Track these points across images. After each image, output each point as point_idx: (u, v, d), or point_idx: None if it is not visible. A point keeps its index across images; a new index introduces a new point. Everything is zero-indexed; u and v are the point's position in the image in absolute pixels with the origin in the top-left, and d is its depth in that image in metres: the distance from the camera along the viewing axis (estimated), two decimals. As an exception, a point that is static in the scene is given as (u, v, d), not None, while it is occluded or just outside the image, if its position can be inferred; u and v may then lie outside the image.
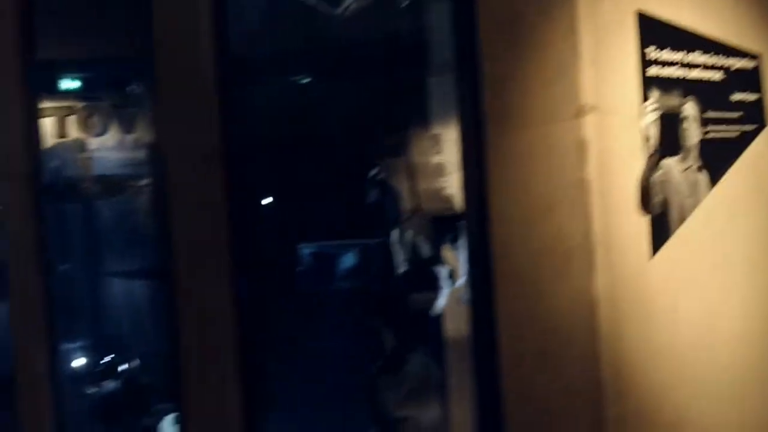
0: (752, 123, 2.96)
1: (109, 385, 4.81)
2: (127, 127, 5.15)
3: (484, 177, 2.63)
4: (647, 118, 2.52)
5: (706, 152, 2.74)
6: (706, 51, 2.76)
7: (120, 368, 4.81)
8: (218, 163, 3.46)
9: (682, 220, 2.64)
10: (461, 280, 3.24)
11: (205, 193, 3.49)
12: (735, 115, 2.89)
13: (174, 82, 3.59)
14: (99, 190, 5.12)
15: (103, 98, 5.13)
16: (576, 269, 2.40)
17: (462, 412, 3.83)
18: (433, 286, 3.41)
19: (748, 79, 2.95)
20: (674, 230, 2.61)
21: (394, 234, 3.43)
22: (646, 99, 2.52)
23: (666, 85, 2.58)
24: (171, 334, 3.76)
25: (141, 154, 5.01)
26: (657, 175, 2.55)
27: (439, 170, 3.62)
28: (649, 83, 2.53)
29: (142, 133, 5.13)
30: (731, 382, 2.83)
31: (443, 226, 3.31)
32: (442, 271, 3.32)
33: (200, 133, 3.49)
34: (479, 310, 2.72)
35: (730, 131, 2.86)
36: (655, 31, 2.54)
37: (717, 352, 2.78)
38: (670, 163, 2.60)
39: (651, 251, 2.53)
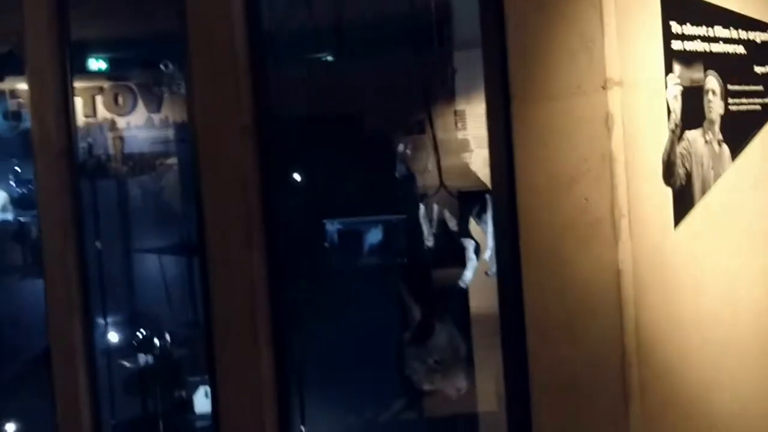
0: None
1: (143, 359, 4.92)
2: (156, 106, 5.24)
3: (510, 149, 2.68)
4: (671, 92, 2.56)
5: (728, 125, 2.78)
6: (727, 25, 2.79)
7: (153, 342, 4.92)
8: (252, 138, 3.53)
9: (704, 191, 2.69)
10: (488, 253, 3.30)
11: (238, 167, 3.56)
12: (758, 88, 2.92)
13: (207, 59, 3.66)
14: (129, 168, 5.22)
15: (133, 77, 5.23)
16: (601, 240, 2.46)
17: (488, 383, 3.92)
18: (461, 260, 3.48)
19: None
20: (697, 202, 2.66)
21: (421, 209, 3.49)
22: (669, 72, 2.56)
23: (689, 58, 2.62)
24: (205, 306, 3.86)
25: (170, 133, 5.11)
26: (680, 147, 2.59)
27: (464, 145, 3.68)
28: (672, 57, 2.57)
29: (171, 111, 5.23)
30: (754, 346, 2.89)
31: (469, 200, 3.37)
32: (470, 245, 3.38)
33: (233, 109, 3.56)
34: (507, 281, 2.77)
35: (753, 104, 2.90)
36: (677, 5, 2.58)
37: (739, 319, 2.84)
38: (693, 135, 2.65)
39: (674, 222, 2.58)
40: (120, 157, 5.26)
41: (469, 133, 3.65)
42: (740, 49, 2.84)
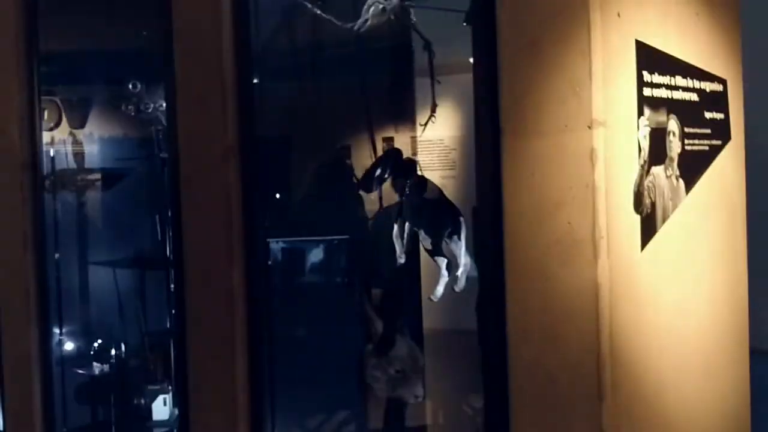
0: (719, 138, 3.45)
1: (99, 368, 5.06)
2: (80, 122, 5.41)
3: (498, 178, 3.03)
4: (641, 132, 2.97)
5: (684, 162, 3.20)
6: (685, 75, 3.22)
7: (110, 352, 5.07)
8: (236, 159, 3.79)
9: (664, 220, 3.10)
10: (461, 270, 3.62)
11: (222, 188, 3.81)
12: (707, 131, 3.37)
13: (194, 79, 3.90)
14: (92, 181, 5.37)
15: (100, 92, 5.40)
16: (582, 259, 2.83)
17: (445, 393, 4.28)
18: (434, 276, 3.79)
19: (717, 101, 3.44)
20: (658, 229, 3.07)
21: (395, 229, 3.79)
22: (641, 115, 2.97)
23: (656, 104, 3.04)
24: (177, 318, 4.09)
25: (133, 149, 5.30)
26: (647, 180, 3.00)
27: (442, 166, 4.06)
28: (643, 102, 2.98)
29: (98, 128, 5.42)
30: (701, 357, 3.32)
31: (444, 220, 3.69)
32: (442, 263, 3.70)
33: (218, 130, 3.81)
34: (489, 294, 3.12)
35: (703, 145, 3.34)
36: (648, 57, 2.99)
37: (689, 332, 3.27)
38: (657, 170, 3.06)
39: (641, 246, 2.98)
40: (83, 170, 5.41)
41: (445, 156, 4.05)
42: (694, 97, 3.28)
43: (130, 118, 5.15)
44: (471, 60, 3.17)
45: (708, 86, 3.36)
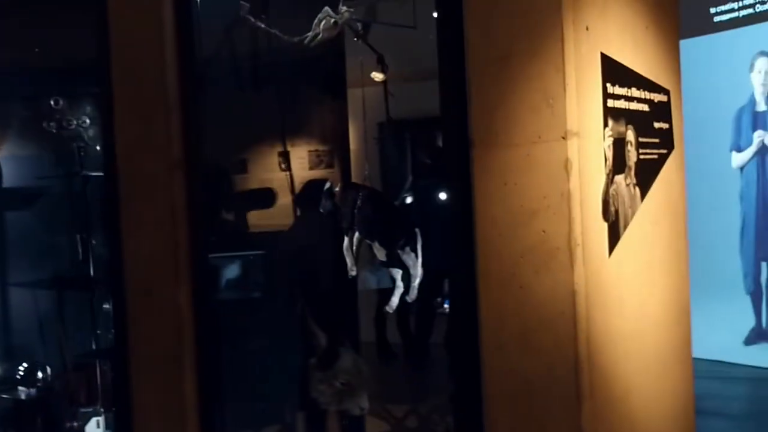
0: (666, 147, 3.59)
1: (26, 392, 4.86)
2: (40, 139, 5.22)
3: (469, 187, 3.07)
4: (606, 142, 3.06)
5: (639, 171, 3.32)
6: (639, 86, 3.35)
7: (37, 376, 4.88)
8: (182, 174, 3.71)
9: (625, 226, 3.21)
10: (417, 281, 3.65)
11: (167, 203, 3.73)
12: (656, 140, 3.50)
13: (133, 92, 3.79)
14: (13, 200, 5.16)
15: (18, 110, 5.19)
16: (557, 265, 2.89)
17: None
18: (388, 288, 3.80)
19: (663, 111, 3.58)
20: (621, 235, 3.17)
21: (345, 241, 3.79)
22: (606, 126, 3.06)
23: (617, 115, 3.14)
24: (117, 339, 3.97)
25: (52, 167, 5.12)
26: (612, 189, 3.09)
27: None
28: (607, 113, 3.07)
29: (53, 145, 5.23)
30: (657, 359, 3.44)
31: (398, 231, 3.71)
32: (397, 274, 3.71)
33: (163, 145, 3.72)
34: (460, 303, 3.15)
35: (653, 154, 3.47)
36: (610, 69, 3.09)
37: (647, 335, 3.38)
38: (619, 179, 3.16)
39: (608, 252, 3.07)
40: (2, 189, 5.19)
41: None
42: (646, 107, 3.41)
43: (50, 135, 4.98)
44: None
45: (656, 97, 3.50)
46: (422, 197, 4.87)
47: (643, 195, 3.36)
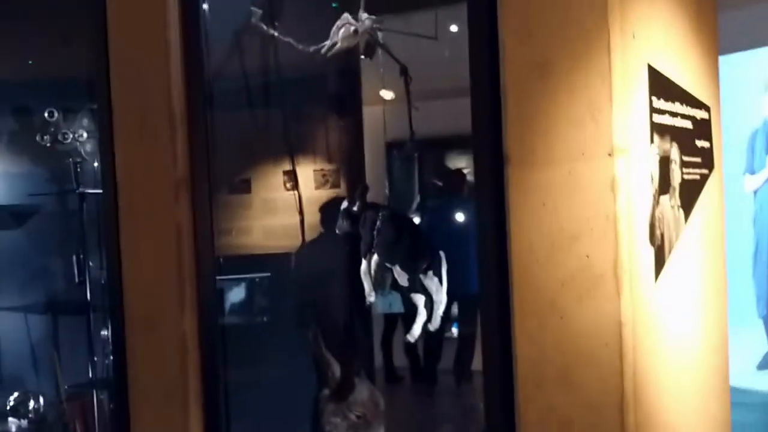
0: (707, 167, 3.36)
1: (17, 424, 4.58)
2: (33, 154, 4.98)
3: (502, 209, 2.83)
4: (652, 160, 2.83)
5: (682, 192, 3.09)
6: (683, 102, 3.12)
7: (29, 406, 4.60)
8: (186, 193, 3.48)
9: (670, 251, 2.97)
10: (441, 308, 3.40)
11: (171, 223, 3.49)
12: (698, 159, 3.27)
13: (136, 107, 3.56)
14: (3, 219, 4.90)
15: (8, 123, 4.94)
16: (602, 295, 2.65)
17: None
18: (409, 315, 3.55)
19: (704, 129, 3.35)
20: (666, 260, 2.93)
21: (363, 265, 3.54)
22: (651, 142, 2.83)
23: (662, 130, 2.91)
24: (116, 366, 3.72)
25: (55, 184, 4.86)
26: (657, 211, 2.86)
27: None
28: (653, 128, 2.84)
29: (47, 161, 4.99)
30: (696, 391, 3.21)
31: (420, 254, 3.46)
32: (420, 300, 3.46)
33: (167, 162, 3.49)
34: (492, 335, 2.90)
35: (696, 174, 3.24)
36: (656, 82, 2.86)
37: (688, 366, 3.14)
38: (664, 200, 2.92)
39: (654, 278, 2.83)
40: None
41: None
42: (689, 125, 3.18)
43: (44, 149, 4.72)
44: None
45: (698, 114, 3.28)
46: (436, 218, 4.64)
47: (686, 217, 3.12)
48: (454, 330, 4.70)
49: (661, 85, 2.90)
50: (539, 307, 2.76)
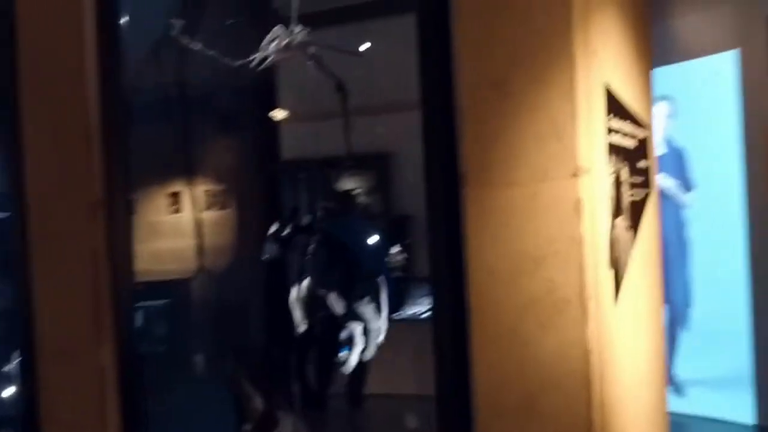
0: (647, 187, 3.34)
1: None
2: None
3: (456, 231, 2.71)
4: (608, 181, 2.76)
5: (630, 212, 3.04)
6: (630, 121, 3.08)
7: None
8: (103, 214, 3.24)
9: (624, 273, 2.91)
10: (381, 337, 3.25)
11: (86, 247, 3.24)
12: (641, 179, 3.24)
13: (48, 125, 3.29)
14: None
15: None
16: (567, 320, 2.55)
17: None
18: (345, 343, 3.38)
19: (645, 149, 3.32)
20: (622, 282, 2.87)
21: (292, 293, 3.36)
22: (607, 162, 2.76)
23: (615, 150, 2.85)
24: (27, 404, 3.42)
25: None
26: (613, 232, 2.79)
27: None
28: (608, 148, 2.77)
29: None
30: (646, 416, 3.15)
31: (357, 280, 3.31)
32: (357, 328, 3.30)
33: (82, 181, 3.24)
34: (448, 364, 2.77)
35: (640, 194, 3.20)
36: (611, 101, 2.80)
37: (640, 391, 3.08)
38: (618, 222, 2.86)
39: (614, 300, 2.76)
40: None
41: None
42: (634, 144, 3.14)
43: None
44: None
45: (640, 133, 3.25)
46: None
47: (634, 238, 3.07)
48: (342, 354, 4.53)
49: (614, 104, 2.85)
50: (500, 332, 2.64)
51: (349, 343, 4.07)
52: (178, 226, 4.22)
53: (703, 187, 5.76)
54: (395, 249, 3.87)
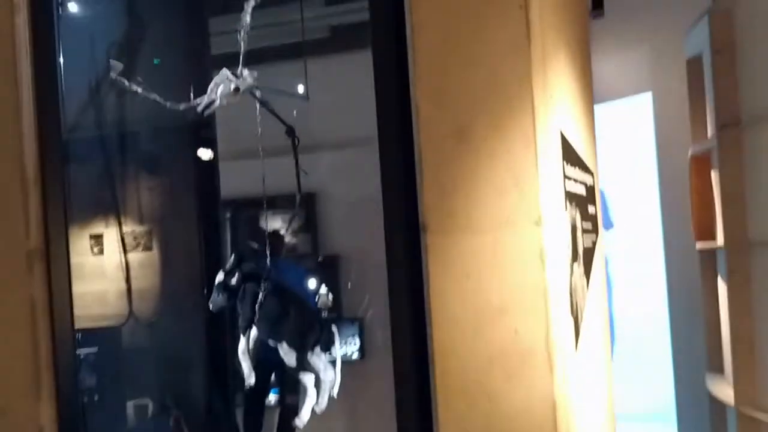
0: (596, 233, 3.34)
1: None
2: None
3: (417, 281, 2.65)
4: (568, 228, 2.74)
5: (583, 259, 3.03)
6: (580, 167, 3.08)
7: None
8: (40, 265, 3.08)
9: (582, 320, 2.89)
10: (336, 389, 3.15)
11: (22, 301, 3.07)
12: (590, 225, 3.24)
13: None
14: None
15: None
16: (533, 371, 2.50)
17: None
18: (295, 396, 3.26)
19: (593, 195, 3.33)
20: (580, 330, 2.85)
21: (241, 344, 3.24)
22: (565, 210, 2.75)
23: (571, 198, 2.84)
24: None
25: None
26: (572, 280, 2.77)
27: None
28: (565, 196, 2.76)
29: None
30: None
31: (310, 329, 3.21)
32: (309, 380, 3.19)
33: (19, 230, 3.07)
34: (410, 421, 2.69)
35: (590, 241, 3.20)
36: (565, 148, 2.80)
37: (597, 429, 3.06)
38: (575, 269, 2.84)
39: (575, 348, 2.73)
40: None
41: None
42: (583, 191, 3.14)
43: None
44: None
45: (588, 179, 3.25)
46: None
47: (588, 284, 3.06)
48: (273, 396, 4.40)
49: (567, 151, 2.84)
50: (465, 386, 2.58)
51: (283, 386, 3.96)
52: (102, 268, 4.06)
53: (623, 225, 5.87)
54: (323, 290, 3.79)
